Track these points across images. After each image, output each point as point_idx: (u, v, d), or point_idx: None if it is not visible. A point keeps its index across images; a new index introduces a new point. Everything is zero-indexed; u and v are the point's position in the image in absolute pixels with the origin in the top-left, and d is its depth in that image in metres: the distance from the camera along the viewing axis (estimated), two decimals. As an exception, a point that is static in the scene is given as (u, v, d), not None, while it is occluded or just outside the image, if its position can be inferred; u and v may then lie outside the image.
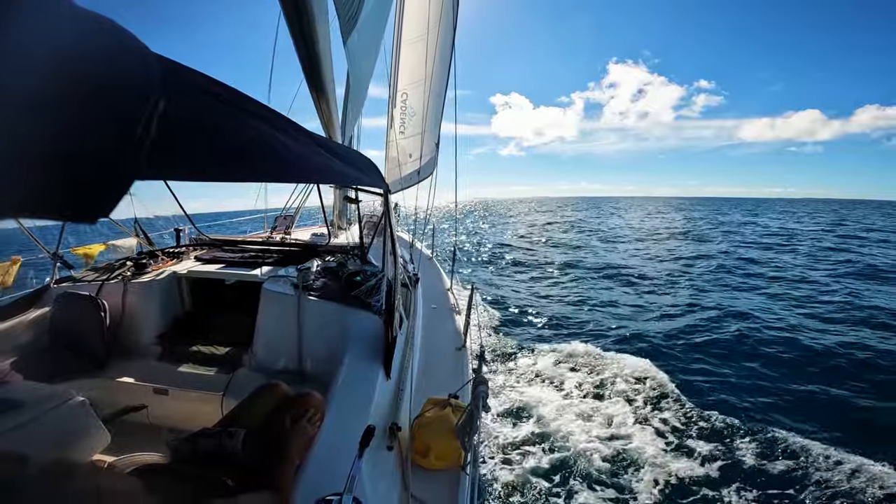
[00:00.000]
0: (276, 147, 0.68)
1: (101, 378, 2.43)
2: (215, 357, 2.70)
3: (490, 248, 20.06)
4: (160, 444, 1.43)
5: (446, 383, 2.48)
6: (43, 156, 0.33)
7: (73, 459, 0.87)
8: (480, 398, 1.71)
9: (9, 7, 0.29)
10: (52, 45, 0.32)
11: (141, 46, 0.41)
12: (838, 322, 8.25)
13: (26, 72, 0.30)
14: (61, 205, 0.35)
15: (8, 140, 0.30)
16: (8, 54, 0.29)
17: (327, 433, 1.55)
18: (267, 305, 2.59)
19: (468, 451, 1.72)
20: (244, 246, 3.71)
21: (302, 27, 1.64)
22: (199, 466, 1.22)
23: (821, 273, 13.29)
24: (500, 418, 4.82)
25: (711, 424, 4.72)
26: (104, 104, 0.36)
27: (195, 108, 0.50)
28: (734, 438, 4.48)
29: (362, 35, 2.32)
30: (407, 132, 5.84)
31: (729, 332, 7.63)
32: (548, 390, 5.44)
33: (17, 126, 0.30)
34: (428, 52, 5.25)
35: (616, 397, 5.26)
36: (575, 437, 4.43)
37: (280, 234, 5.24)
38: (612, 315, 8.83)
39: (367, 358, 2.10)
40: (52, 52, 0.32)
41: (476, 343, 3.16)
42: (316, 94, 2.18)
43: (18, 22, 0.29)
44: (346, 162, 1.14)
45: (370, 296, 2.51)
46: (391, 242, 2.33)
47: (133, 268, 3.03)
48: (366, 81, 3.17)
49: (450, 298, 4.33)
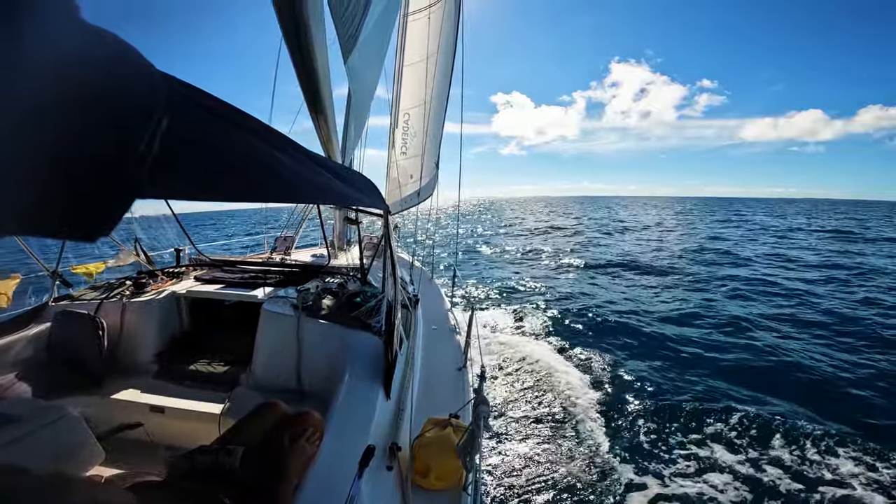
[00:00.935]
0: (277, 167, 0.68)
1: (97, 395, 2.41)
2: (213, 376, 2.68)
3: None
4: (157, 461, 1.42)
5: (447, 403, 2.46)
6: (45, 173, 0.33)
7: (70, 473, 0.86)
8: (481, 418, 1.70)
9: (14, 23, 0.29)
10: (57, 63, 0.32)
11: (146, 64, 0.41)
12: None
13: (30, 90, 0.30)
14: (62, 223, 0.36)
15: (10, 158, 0.30)
16: (12, 72, 0.29)
17: (327, 452, 1.53)
18: (266, 326, 2.58)
19: (469, 472, 1.69)
20: (244, 267, 3.72)
21: (300, 43, 1.66)
22: (196, 483, 1.21)
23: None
24: (501, 437, 4.74)
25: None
26: (107, 121, 0.36)
27: (199, 127, 0.51)
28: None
29: (363, 54, 2.37)
30: (409, 152, 5.91)
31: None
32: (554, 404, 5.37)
33: (19, 144, 0.30)
34: (429, 74, 5.35)
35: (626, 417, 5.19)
36: (584, 456, 4.35)
37: (280, 255, 5.25)
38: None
39: (367, 378, 2.08)
40: (56, 69, 0.32)
41: (477, 363, 3.14)
42: (315, 112, 2.21)
43: (21, 39, 0.29)
44: (346, 182, 1.15)
45: (370, 317, 2.51)
46: (391, 263, 2.34)
47: (132, 287, 3.04)
48: (367, 101, 3.23)
49: (450, 319, 4.32)
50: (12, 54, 0.29)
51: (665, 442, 4.73)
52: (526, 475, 4.14)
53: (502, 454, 4.46)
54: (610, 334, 8.49)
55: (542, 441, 4.68)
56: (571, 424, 5.02)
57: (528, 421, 5.11)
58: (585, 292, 12.25)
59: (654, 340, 8.11)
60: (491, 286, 13.19)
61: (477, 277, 14.73)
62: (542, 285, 13.10)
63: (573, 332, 8.65)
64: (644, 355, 7.37)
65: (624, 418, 5.20)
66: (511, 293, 12.46)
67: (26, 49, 0.30)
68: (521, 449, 4.55)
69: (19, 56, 0.29)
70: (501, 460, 4.36)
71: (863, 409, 5.48)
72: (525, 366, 6.76)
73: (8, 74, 0.29)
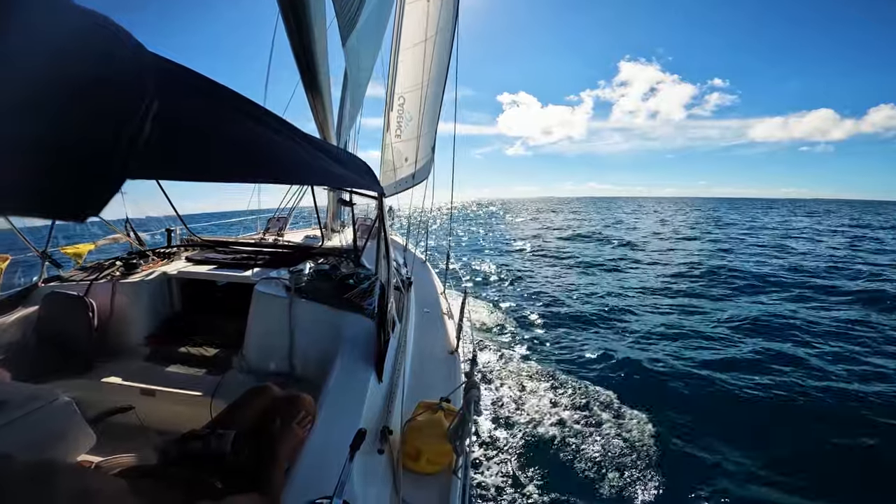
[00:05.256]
0: (270, 148, 0.67)
1: (87, 378, 2.39)
2: (205, 359, 2.68)
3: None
4: (148, 445, 1.42)
5: (438, 387, 2.48)
6: (34, 153, 0.32)
7: (58, 460, 0.86)
8: (472, 402, 1.72)
9: (3, 6, 0.29)
10: (46, 42, 0.31)
11: (136, 45, 0.41)
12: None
13: (19, 68, 0.30)
14: (51, 203, 0.35)
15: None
16: (3, 51, 0.29)
17: (318, 436, 1.54)
18: (258, 307, 2.57)
19: (460, 455, 1.71)
20: (236, 247, 3.69)
21: (298, 23, 1.64)
22: (187, 468, 1.21)
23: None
24: (491, 422, 4.81)
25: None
26: (97, 101, 0.35)
27: (190, 108, 0.50)
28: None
29: (362, 37, 2.33)
30: (403, 136, 5.86)
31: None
32: (545, 393, 5.44)
33: (7, 123, 0.30)
34: (426, 56, 5.28)
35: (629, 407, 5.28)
36: (572, 439, 4.43)
37: (273, 235, 5.22)
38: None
39: (359, 360, 2.09)
40: (46, 49, 0.31)
41: (469, 347, 3.16)
42: (311, 93, 2.18)
43: (12, 18, 0.29)
44: (341, 164, 1.14)
45: (363, 299, 2.51)
46: (385, 246, 2.33)
47: (123, 268, 3.00)
48: (364, 83, 3.18)
49: (443, 303, 4.33)
50: (3, 37, 0.29)
51: (657, 433, 4.81)
52: (516, 460, 4.21)
53: (493, 438, 4.53)
54: (615, 328, 8.59)
55: (533, 426, 4.75)
56: (563, 410, 5.10)
57: (519, 406, 5.18)
58: (593, 284, 12.34)
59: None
60: (488, 272, 13.24)
61: (473, 263, 14.76)
62: (540, 277, 13.16)
63: (569, 320, 8.75)
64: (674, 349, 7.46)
65: (619, 406, 5.28)
66: (506, 280, 12.53)
67: (15, 31, 0.29)
68: (511, 433, 4.62)
69: (9, 38, 0.29)
70: (492, 444, 4.43)
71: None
72: (517, 351, 6.84)
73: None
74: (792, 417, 5.13)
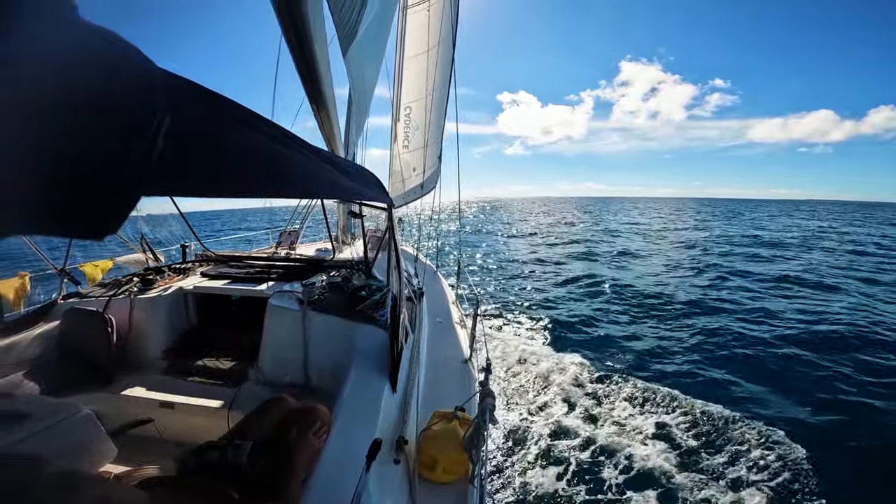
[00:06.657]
0: (280, 162, 0.68)
1: (108, 392, 2.43)
2: (221, 371, 2.70)
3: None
4: (166, 457, 1.43)
5: (453, 396, 2.47)
6: (51, 173, 0.33)
7: (80, 471, 0.87)
8: (487, 410, 1.70)
9: (15, 21, 0.29)
10: (58, 63, 0.32)
11: (147, 61, 0.41)
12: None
13: (33, 91, 0.30)
14: (69, 222, 0.36)
15: (16, 158, 0.30)
16: (14, 73, 0.29)
17: (334, 446, 1.54)
18: (272, 320, 2.59)
19: (475, 464, 1.70)
20: (249, 262, 3.74)
21: (300, 38, 1.66)
22: (204, 479, 1.22)
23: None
24: (507, 430, 4.76)
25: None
26: (110, 120, 0.36)
27: (201, 124, 0.51)
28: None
29: (362, 47, 2.36)
30: (411, 146, 5.90)
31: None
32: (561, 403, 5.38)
33: (24, 143, 0.30)
34: (429, 66, 5.33)
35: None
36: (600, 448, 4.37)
37: (285, 249, 5.27)
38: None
39: (373, 371, 2.09)
40: (58, 69, 0.32)
41: (482, 356, 3.15)
42: (316, 106, 2.20)
43: (25, 37, 0.29)
44: (349, 177, 1.15)
45: (375, 310, 2.52)
46: (395, 257, 2.34)
47: (140, 283, 3.06)
48: (368, 94, 3.22)
49: (455, 312, 4.32)
50: (14, 55, 0.29)
51: (671, 437, 4.73)
52: (532, 468, 4.16)
53: (509, 446, 4.48)
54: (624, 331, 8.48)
55: (549, 433, 4.69)
56: (578, 417, 5.04)
57: (535, 414, 5.12)
58: (618, 278, 12.22)
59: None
60: (499, 281, 13.18)
61: (484, 272, 14.72)
62: (552, 281, 13.07)
63: (582, 325, 8.65)
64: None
65: (636, 413, 5.21)
66: (519, 287, 12.45)
67: (27, 50, 0.30)
68: (527, 441, 4.57)
69: (21, 57, 0.29)
70: (508, 453, 4.38)
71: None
72: (531, 358, 6.77)
73: (10, 75, 0.29)
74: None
